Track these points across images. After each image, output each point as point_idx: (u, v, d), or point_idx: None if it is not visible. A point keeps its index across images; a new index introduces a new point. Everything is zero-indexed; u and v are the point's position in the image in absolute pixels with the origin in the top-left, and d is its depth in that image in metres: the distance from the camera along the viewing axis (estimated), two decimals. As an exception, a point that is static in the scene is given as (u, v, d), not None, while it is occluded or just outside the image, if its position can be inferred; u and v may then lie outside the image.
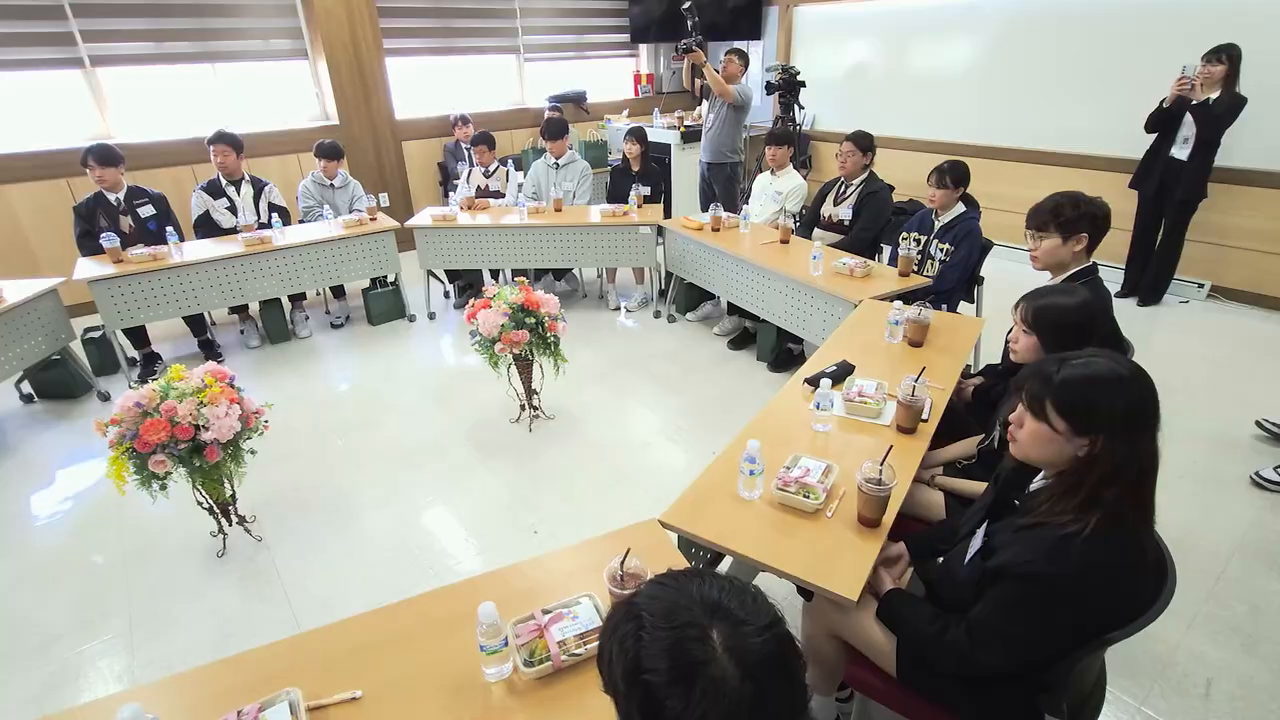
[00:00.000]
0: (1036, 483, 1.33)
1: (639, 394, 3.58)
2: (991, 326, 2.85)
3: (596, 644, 1.23)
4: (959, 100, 5.48)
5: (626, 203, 4.37)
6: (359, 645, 1.30)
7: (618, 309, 4.66)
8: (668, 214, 4.55)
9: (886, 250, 3.76)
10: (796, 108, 5.62)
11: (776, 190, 4.11)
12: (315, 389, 3.75)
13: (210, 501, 2.42)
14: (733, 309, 4.13)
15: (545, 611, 1.29)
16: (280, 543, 2.56)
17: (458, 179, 5.24)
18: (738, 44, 5.65)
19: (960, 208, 3.16)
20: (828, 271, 3.18)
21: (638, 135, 4.55)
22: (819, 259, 3.16)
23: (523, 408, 3.26)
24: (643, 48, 7.27)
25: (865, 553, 1.49)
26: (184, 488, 2.35)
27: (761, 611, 0.70)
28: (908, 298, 2.80)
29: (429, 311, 4.62)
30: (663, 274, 4.51)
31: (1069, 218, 2.11)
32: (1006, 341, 2.06)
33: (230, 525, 2.52)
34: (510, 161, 5.11)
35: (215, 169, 4.15)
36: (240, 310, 4.28)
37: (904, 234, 3.33)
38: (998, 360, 2.43)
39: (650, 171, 4.68)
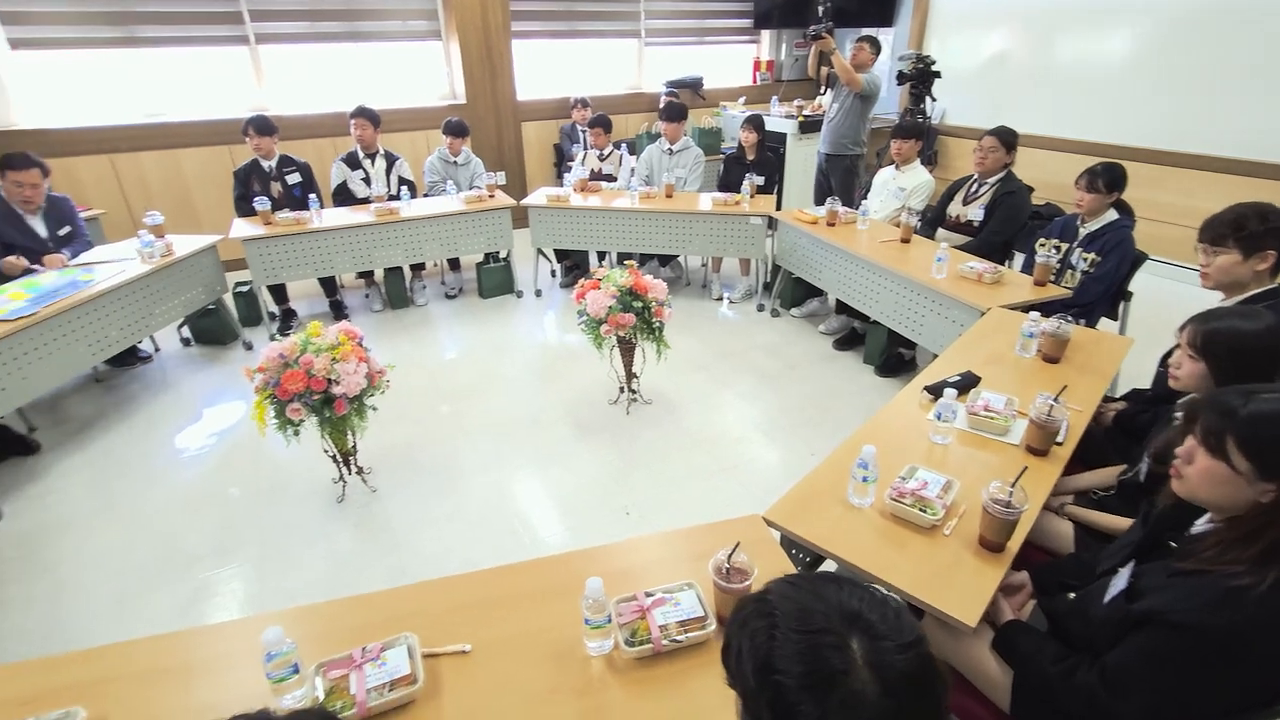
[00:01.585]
0: (1201, 525, 1.19)
1: (737, 386, 3.54)
2: (1137, 348, 2.59)
3: (698, 633, 1.23)
4: (1118, 97, 4.95)
5: (739, 192, 4.30)
6: (469, 602, 1.36)
7: (720, 299, 4.61)
8: (779, 205, 4.44)
9: (1018, 257, 3.50)
10: (928, 100, 5.30)
11: (900, 186, 3.90)
12: (428, 355, 3.96)
13: (335, 450, 2.61)
14: (841, 308, 3.98)
15: (648, 594, 1.30)
16: (392, 496, 2.73)
17: (572, 161, 5.34)
18: (868, 30, 5.40)
19: (1111, 215, 2.88)
20: (952, 275, 2.99)
21: (755, 123, 4.46)
22: (944, 261, 2.98)
23: (621, 390, 3.29)
24: (765, 34, 7.09)
25: (985, 577, 1.40)
26: (313, 435, 2.55)
27: (905, 628, 0.66)
28: (1042, 309, 2.59)
29: (536, 289, 4.76)
30: (770, 266, 4.41)
31: (1254, 232, 1.87)
32: (1162, 366, 1.86)
33: (350, 474, 2.71)
34: (624, 145, 5.15)
35: (354, 142, 4.44)
36: (367, 275, 4.58)
37: (1042, 240, 3.08)
38: (1142, 385, 2.21)
39: (765, 161, 4.57)
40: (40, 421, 3.23)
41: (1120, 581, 1.23)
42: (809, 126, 5.83)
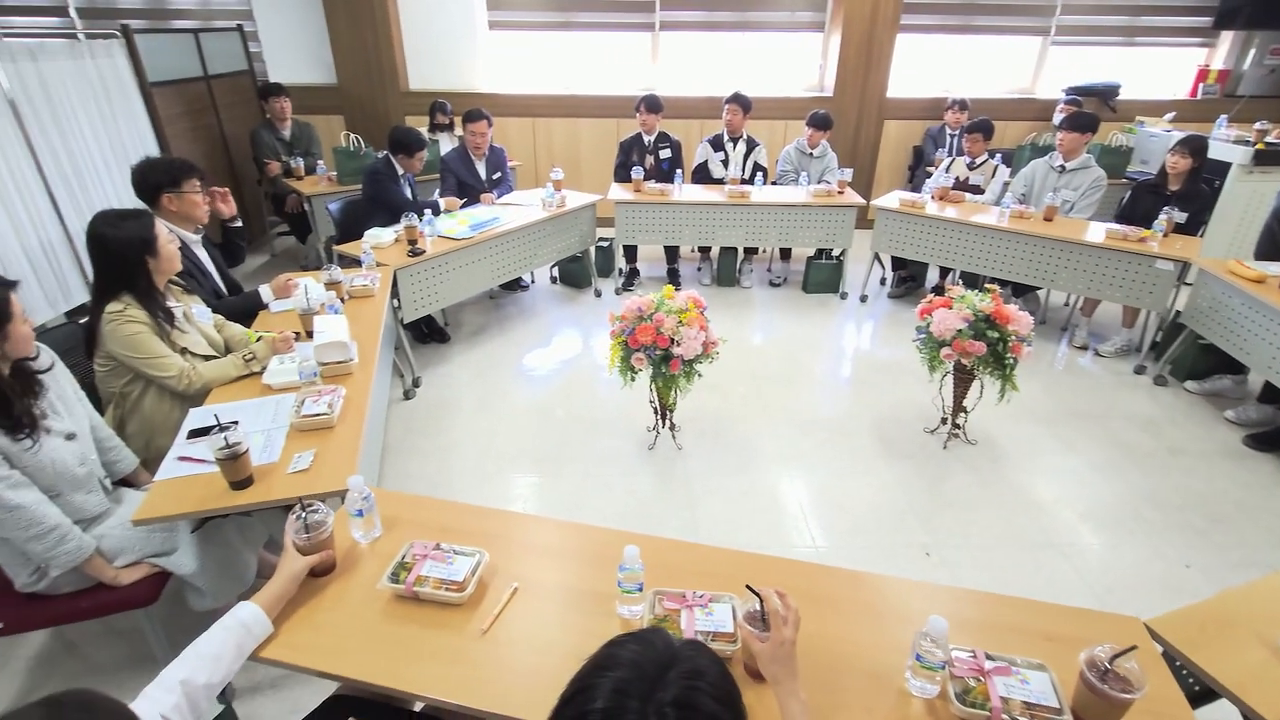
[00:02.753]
0: None
1: (1088, 455, 2.97)
2: None
3: (1048, 724, 1.07)
4: None
5: (1147, 227, 3.53)
6: (792, 588, 1.37)
7: (1084, 348, 3.89)
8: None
9: None
10: None
11: None
12: (745, 335, 4.09)
13: (658, 403, 2.87)
14: (1269, 395, 3.06)
15: (989, 657, 1.17)
16: (694, 456, 2.91)
17: (932, 166, 4.96)
18: None
19: None
20: None
21: (1195, 147, 3.59)
22: None
23: (944, 421, 3.01)
24: (1226, 35, 5.65)
25: None
26: (642, 385, 2.83)
27: None
28: None
29: (862, 293, 4.57)
30: (1167, 323, 3.57)
31: None
32: None
33: (663, 428, 2.96)
34: (998, 156, 4.59)
35: (721, 125, 4.71)
36: (704, 250, 4.89)
37: None
38: None
39: (1194, 194, 3.68)
40: (451, 320, 4.15)
41: None
42: (1269, 158, 4.51)
